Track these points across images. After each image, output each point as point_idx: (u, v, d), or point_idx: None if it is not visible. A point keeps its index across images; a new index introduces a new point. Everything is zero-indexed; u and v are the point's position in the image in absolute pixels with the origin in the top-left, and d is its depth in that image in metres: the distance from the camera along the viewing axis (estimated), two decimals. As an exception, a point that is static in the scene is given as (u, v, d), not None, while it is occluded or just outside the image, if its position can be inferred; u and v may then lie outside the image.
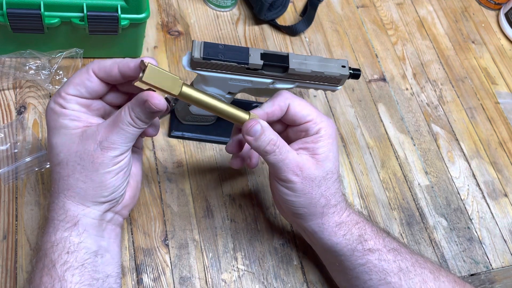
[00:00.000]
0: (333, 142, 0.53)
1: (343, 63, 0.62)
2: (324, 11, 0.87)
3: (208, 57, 0.57)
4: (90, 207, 0.47)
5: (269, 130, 0.50)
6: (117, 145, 0.45)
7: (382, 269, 0.52)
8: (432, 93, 0.83)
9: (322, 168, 0.51)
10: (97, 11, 0.62)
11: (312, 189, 0.51)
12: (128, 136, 0.46)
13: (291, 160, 0.50)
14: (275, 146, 0.50)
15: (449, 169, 0.75)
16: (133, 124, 0.45)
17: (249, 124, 0.50)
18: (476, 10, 0.97)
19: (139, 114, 0.45)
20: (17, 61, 0.67)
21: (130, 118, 0.45)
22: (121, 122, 0.45)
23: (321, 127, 0.52)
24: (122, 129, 0.45)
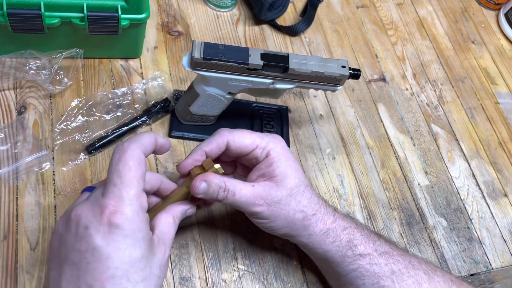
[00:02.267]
0: (286, 157, 0.53)
1: (343, 63, 0.62)
2: (324, 11, 0.87)
3: (208, 57, 0.57)
4: None
5: (215, 180, 0.50)
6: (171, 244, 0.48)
7: (374, 273, 0.52)
8: (432, 93, 0.83)
9: (284, 188, 0.52)
10: (97, 11, 0.62)
11: (282, 210, 0.52)
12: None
13: (247, 195, 0.51)
14: (225, 191, 0.50)
15: (449, 169, 0.75)
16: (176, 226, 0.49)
17: (195, 185, 0.50)
18: (476, 10, 0.97)
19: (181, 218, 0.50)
20: (18, 61, 0.67)
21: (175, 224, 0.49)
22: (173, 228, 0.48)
23: (268, 150, 0.52)
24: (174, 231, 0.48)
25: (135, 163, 0.42)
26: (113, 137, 0.64)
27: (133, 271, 0.40)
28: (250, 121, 0.71)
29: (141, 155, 0.43)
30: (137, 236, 0.41)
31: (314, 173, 0.69)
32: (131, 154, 0.42)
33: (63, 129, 0.64)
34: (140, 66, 0.73)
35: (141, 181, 0.42)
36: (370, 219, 0.68)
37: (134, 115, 0.67)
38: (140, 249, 0.41)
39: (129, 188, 0.41)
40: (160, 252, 0.44)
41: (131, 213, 0.40)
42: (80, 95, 0.68)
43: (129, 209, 0.40)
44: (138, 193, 0.42)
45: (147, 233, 0.42)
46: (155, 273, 0.42)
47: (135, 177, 0.42)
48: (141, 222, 0.41)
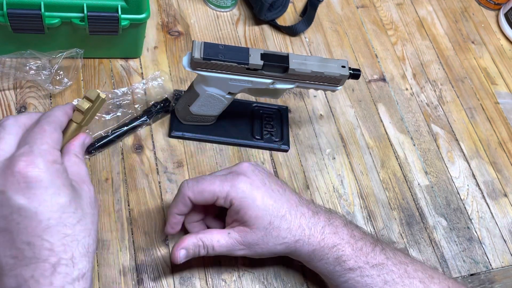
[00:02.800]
0: (251, 199, 0.52)
1: (343, 63, 0.62)
2: (324, 11, 0.87)
3: (208, 57, 0.57)
4: None
5: (191, 242, 0.52)
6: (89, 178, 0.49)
7: (366, 284, 0.52)
8: (432, 93, 0.83)
9: (258, 229, 0.52)
10: (97, 12, 0.62)
11: (263, 248, 0.53)
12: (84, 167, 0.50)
13: (226, 245, 0.52)
14: (203, 248, 0.52)
15: (449, 169, 0.75)
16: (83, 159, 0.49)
17: (175, 255, 0.52)
18: (475, 10, 0.97)
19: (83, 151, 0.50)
20: (18, 61, 0.67)
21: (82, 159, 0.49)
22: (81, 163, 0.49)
23: (230, 199, 0.52)
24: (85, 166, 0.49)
25: (50, 128, 0.44)
26: (113, 137, 0.64)
27: (67, 216, 0.41)
28: (250, 121, 0.71)
29: (56, 125, 0.45)
30: (57, 183, 0.41)
31: (314, 173, 0.69)
32: (48, 122, 0.44)
33: (63, 129, 0.64)
34: (140, 66, 0.73)
35: (56, 143, 0.44)
36: (370, 219, 0.68)
37: (134, 115, 0.67)
38: (64, 195, 0.41)
39: (41, 144, 0.42)
40: (84, 191, 0.45)
41: (44, 163, 0.41)
42: (80, 95, 0.68)
43: (41, 160, 0.41)
44: (51, 149, 0.42)
45: (66, 179, 0.43)
46: (88, 212, 0.44)
47: (49, 137, 0.43)
48: (57, 171, 0.42)
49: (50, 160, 0.42)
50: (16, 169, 0.39)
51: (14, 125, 0.44)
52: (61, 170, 0.43)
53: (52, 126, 0.44)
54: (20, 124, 0.45)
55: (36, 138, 0.42)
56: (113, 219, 0.60)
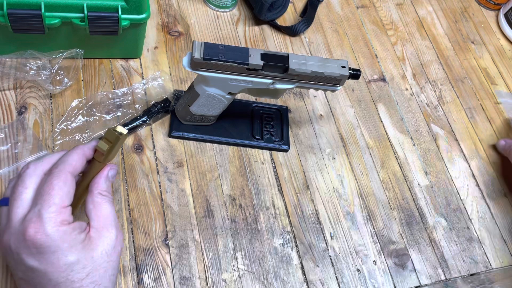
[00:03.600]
0: None
1: (343, 64, 0.62)
2: (324, 11, 0.87)
3: (208, 58, 0.57)
4: None
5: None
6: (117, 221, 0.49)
7: None
8: (432, 93, 0.83)
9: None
10: (97, 12, 0.62)
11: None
12: (113, 211, 0.49)
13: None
14: None
15: (448, 169, 0.75)
16: (109, 199, 0.49)
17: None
18: (475, 11, 0.97)
19: (107, 186, 0.49)
20: (18, 61, 0.67)
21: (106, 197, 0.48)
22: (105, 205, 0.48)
23: None
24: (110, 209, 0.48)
25: (59, 182, 0.45)
26: (113, 137, 0.64)
27: (75, 273, 0.44)
28: (250, 121, 0.71)
29: (67, 176, 0.46)
30: (64, 246, 0.43)
31: (314, 173, 0.69)
32: (58, 176, 0.45)
33: (64, 129, 0.64)
34: (140, 66, 0.73)
35: (65, 198, 0.45)
36: (370, 219, 0.68)
37: (134, 115, 0.67)
38: (72, 255, 0.44)
39: (48, 206, 0.43)
40: (103, 239, 0.46)
41: (52, 228, 0.43)
42: (81, 95, 0.68)
43: (49, 226, 0.43)
44: (58, 209, 0.44)
45: (74, 239, 0.44)
46: (100, 262, 0.45)
47: (57, 195, 0.44)
48: (65, 233, 0.43)
49: (58, 222, 0.43)
50: (26, 236, 0.43)
51: (32, 176, 0.47)
52: (69, 230, 0.44)
53: (61, 179, 0.45)
54: (38, 173, 0.47)
55: (44, 199, 0.44)
56: (113, 219, 0.60)
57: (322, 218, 0.66)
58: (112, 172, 0.50)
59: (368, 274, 0.64)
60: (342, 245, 0.65)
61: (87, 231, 0.46)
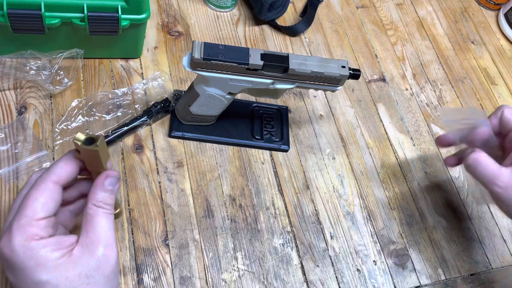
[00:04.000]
0: None
1: (343, 64, 0.62)
2: (324, 11, 0.87)
3: (208, 58, 0.57)
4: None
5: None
6: (112, 240, 0.43)
7: None
8: (432, 93, 0.83)
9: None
10: (97, 12, 0.62)
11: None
12: (110, 227, 0.43)
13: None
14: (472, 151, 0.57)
15: (448, 169, 0.75)
16: (107, 211, 0.43)
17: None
18: (475, 11, 0.97)
19: (104, 197, 0.43)
20: (18, 61, 0.67)
21: (102, 209, 0.43)
22: (98, 218, 0.43)
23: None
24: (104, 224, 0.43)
25: (36, 192, 0.42)
26: (113, 137, 0.64)
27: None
28: (250, 121, 0.71)
29: (47, 185, 0.42)
30: (29, 264, 0.40)
31: (314, 173, 0.69)
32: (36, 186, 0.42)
33: (64, 129, 0.64)
34: (140, 66, 0.73)
35: (38, 210, 0.41)
36: (370, 219, 0.68)
37: (134, 115, 0.67)
38: (41, 273, 0.40)
39: (19, 219, 0.41)
40: (84, 261, 0.41)
41: (17, 245, 0.40)
42: (80, 95, 0.68)
43: (15, 241, 0.40)
44: (29, 222, 0.40)
45: (44, 256, 0.40)
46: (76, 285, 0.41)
47: (29, 207, 0.41)
48: (31, 250, 0.40)
49: (25, 237, 0.40)
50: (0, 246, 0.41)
51: (26, 185, 0.45)
52: (39, 246, 0.40)
53: (39, 189, 0.42)
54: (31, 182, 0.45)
55: (18, 210, 0.41)
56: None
57: (322, 218, 0.66)
58: (109, 180, 0.44)
59: (368, 274, 0.64)
60: (342, 245, 0.65)
61: (70, 248, 0.42)
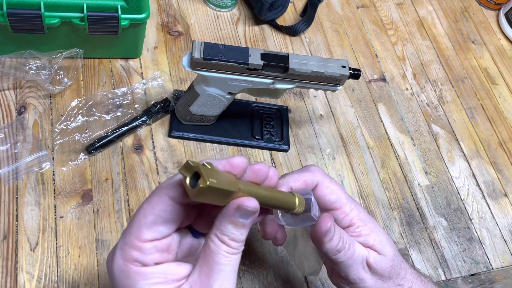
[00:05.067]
0: (373, 224, 0.46)
1: (343, 63, 0.62)
2: (324, 11, 0.87)
3: (208, 57, 0.57)
4: None
5: (337, 225, 0.43)
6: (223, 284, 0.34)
7: None
8: (432, 93, 0.83)
9: (386, 257, 0.45)
10: (97, 12, 0.62)
11: (383, 284, 0.45)
12: (231, 269, 0.35)
13: (359, 255, 0.44)
14: (344, 241, 0.43)
15: (449, 169, 0.75)
16: (231, 251, 0.35)
17: (326, 224, 0.41)
18: (476, 10, 0.97)
19: (233, 232, 0.35)
20: (17, 61, 0.67)
21: (226, 246, 0.35)
22: (217, 258, 0.34)
23: (352, 218, 0.45)
24: (223, 266, 0.34)
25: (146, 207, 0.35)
26: (113, 137, 0.64)
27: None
28: (250, 121, 0.71)
29: (161, 200, 0.35)
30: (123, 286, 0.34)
31: (314, 173, 0.69)
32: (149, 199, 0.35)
33: (63, 129, 0.64)
34: (140, 66, 0.73)
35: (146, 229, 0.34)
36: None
37: (134, 115, 0.67)
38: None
39: (125, 235, 0.35)
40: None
41: (116, 267, 0.34)
42: (80, 95, 0.68)
43: (116, 262, 0.34)
44: (132, 243, 0.34)
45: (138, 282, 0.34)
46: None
47: (137, 222, 0.34)
48: (128, 278, 0.34)
49: (125, 259, 0.34)
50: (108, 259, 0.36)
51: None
52: (136, 276, 0.33)
53: (150, 203, 0.35)
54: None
55: (129, 223, 0.35)
56: (113, 220, 0.60)
57: (322, 218, 0.66)
58: (242, 211, 0.34)
59: (368, 274, 0.63)
60: (342, 245, 0.65)
61: (178, 284, 0.34)
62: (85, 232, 0.59)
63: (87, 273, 0.56)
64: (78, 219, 0.59)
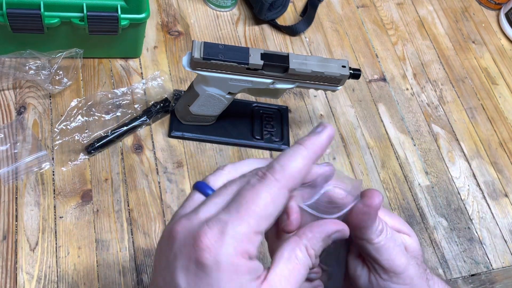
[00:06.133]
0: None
1: (343, 63, 0.62)
2: (324, 11, 0.87)
3: (208, 57, 0.57)
4: None
5: None
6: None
7: None
8: (433, 93, 0.83)
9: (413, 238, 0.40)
10: (97, 11, 0.62)
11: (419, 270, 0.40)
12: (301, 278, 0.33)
13: (398, 236, 0.39)
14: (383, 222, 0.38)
15: (449, 169, 0.75)
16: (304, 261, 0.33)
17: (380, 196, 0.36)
18: (476, 10, 0.97)
19: (319, 249, 0.33)
20: (17, 61, 0.67)
21: (309, 260, 0.33)
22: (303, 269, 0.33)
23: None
24: (302, 277, 0.33)
25: (267, 196, 0.31)
26: (112, 137, 0.64)
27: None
28: (250, 121, 0.71)
29: (280, 191, 0.32)
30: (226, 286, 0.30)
31: (314, 173, 0.69)
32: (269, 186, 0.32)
33: (63, 129, 0.64)
34: (140, 66, 0.73)
35: (262, 221, 0.31)
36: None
37: (133, 115, 0.67)
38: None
39: (238, 223, 0.31)
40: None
41: (226, 257, 0.30)
42: (80, 95, 0.68)
43: (225, 251, 0.30)
44: (248, 233, 0.31)
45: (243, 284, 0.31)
46: None
47: (254, 213, 0.31)
48: (237, 271, 0.30)
49: (238, 251, 0.30)
50: (195, 245, 0.31)
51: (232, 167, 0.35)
52: (244, 269, 0.31)
53: (272, 193, 0.31)
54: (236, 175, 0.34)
55: (238, 209, 0.31)
56: (113, 220, 0.60)
57: (322, 219, 0.66)
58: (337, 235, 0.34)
59: (369, 274, 0.63)
60: (342, 246, 0.65)
61: (260, 281, 0.32)
62: (84, 232, 0.59)
63: (86, 273, 0.56)
64: (77, 219, 0.59)
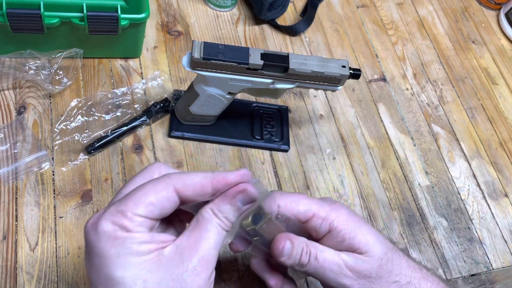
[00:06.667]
0: (357, 222, 0.45)
1: (343, 63, 0.62)
2: (324, 11, 0.87)
3: (208, 57, 0.57)
4: None
5: (297, 240, 0.43)
6: (212, 259, 0.36)
7: None
8: (433, 93, 0.83)
9: (372, 259, 0.44)
10: (97, 11, 0.62)
11: (373, 285, 0.44)
12: (218, 241, 0.36)
13: (329, 261, 0.43)
14: (306, 253, 0.43)
15: (449, 169, 0.75)
16: (222, 225, 0.37)
17: (279, 245, 0.43)
18: (476, 10, 0.97)
19: (228, 212, 0.37)
20: (17, 61, 0.67)
21: (218, 220, 0.37)
22: (209, 226, 0.36)
23: (331, 221, 0.44)
24: (212, 234, 0.36)
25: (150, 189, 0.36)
26: (112, 137, 0.64)
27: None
28: (250, 121, 0.71)
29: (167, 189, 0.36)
30: (110, 253, 0.34)
31: (314, 173, 0.69)
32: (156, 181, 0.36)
33: (63, 129, 0.64)
34: (139, 66, 0.73)
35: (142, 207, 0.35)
36: (370, 219, 0.68)
37: (133, 115, 0.67)
38: (119, 268, 0.34)
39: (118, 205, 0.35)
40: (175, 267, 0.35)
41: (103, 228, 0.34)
42: (80, 95, 0.68)
43: (103, 224, 0.34)
44: (125, 212, 0.34)
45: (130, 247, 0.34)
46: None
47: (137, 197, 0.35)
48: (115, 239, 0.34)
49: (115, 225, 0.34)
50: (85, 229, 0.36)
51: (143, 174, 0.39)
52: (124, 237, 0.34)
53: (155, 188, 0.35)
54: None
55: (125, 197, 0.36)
56: (113, 220, 0.60)
57: (322, 219, 0.66)
58: (243, 196, 0.37)
59: (369, 274, 0.63)
60: (342, 246, 0.65)
61: (162, 245, 0.35)
62: (84, 232, 0.58)
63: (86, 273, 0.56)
64: (77, 219, 0.59)
